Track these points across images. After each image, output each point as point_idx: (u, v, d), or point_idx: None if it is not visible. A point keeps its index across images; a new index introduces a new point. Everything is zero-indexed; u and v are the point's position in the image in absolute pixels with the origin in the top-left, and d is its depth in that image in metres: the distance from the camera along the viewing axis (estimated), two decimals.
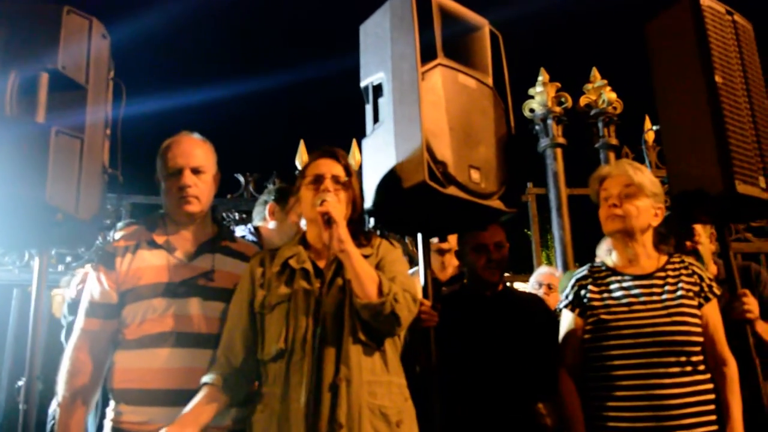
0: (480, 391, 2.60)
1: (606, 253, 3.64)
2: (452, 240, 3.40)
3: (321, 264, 2.18)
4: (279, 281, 2.17)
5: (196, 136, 2.46)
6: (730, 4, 2.66)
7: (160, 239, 2.35)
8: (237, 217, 4.83)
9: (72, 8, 2.33)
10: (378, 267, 2.16)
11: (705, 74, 2.49)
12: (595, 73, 5.28)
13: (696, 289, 2.39)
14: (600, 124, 5.18)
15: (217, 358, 2.18)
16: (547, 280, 3.97)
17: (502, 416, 2.56)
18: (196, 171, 2.37)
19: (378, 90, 2.49)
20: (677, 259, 2.49)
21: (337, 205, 2.10)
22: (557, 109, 5.08)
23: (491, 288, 2.85)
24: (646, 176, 2.47)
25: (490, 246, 2.78)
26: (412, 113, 2.27)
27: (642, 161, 4.98)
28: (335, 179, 2.24)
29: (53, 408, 3.13)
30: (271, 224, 3.17)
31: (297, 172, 4.43)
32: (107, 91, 2.50)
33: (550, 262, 11.90)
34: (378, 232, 2.37)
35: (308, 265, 2.18)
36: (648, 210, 2.44)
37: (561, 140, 5.07)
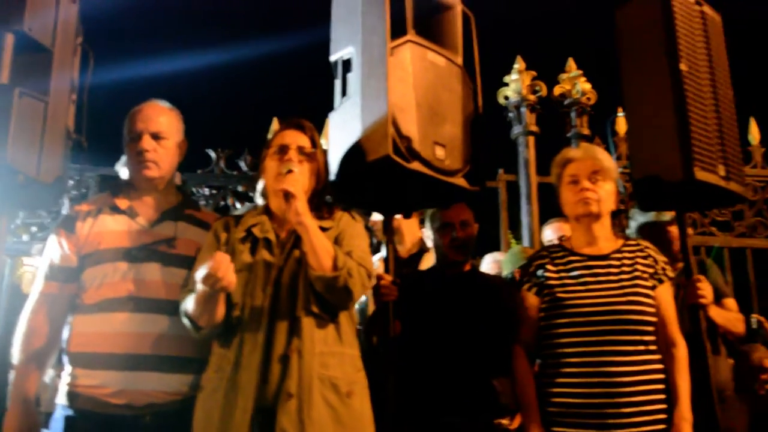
0: (437, 367, 2.63)
1: (552, 238, 3.66)
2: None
3: (282, 234, 2.20)
4: (242, 248, 2.18)
5: (163, 103, 2.45)
6: None
7: (122, 204, 2.35)
8: (207, 192, 4.79)
9: None
10: (337, 240, 2.17)
11: (670, 61, 2.53)
12: (571, 63, 5.29)
13: (651, 270, 2.43)
14: (573, 114, 5.18)
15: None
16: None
17: (457, 392, 2.59)
18: (156, 136, 2.36)
19: (347, 65, 2.49)
20: (633, 242, 2.54)
21: (297, 178, 2.11)
22: (531, 97, 5.08)
23: (457, 267, 2.87)
24: (610, 160, 2.52)
25: (455, 224, 2.81)
26: (380, 87, 2.27)
27: (612, 153, 5.02)
28: (300, 150, 2.25)
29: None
30: None
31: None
32: (74, 55, 2.48)
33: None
34: (341, 206, 2.38)
35: (271, 236, 2.19)
36: (614, 193, 2.50)
37: (534, 128, 5.08)
